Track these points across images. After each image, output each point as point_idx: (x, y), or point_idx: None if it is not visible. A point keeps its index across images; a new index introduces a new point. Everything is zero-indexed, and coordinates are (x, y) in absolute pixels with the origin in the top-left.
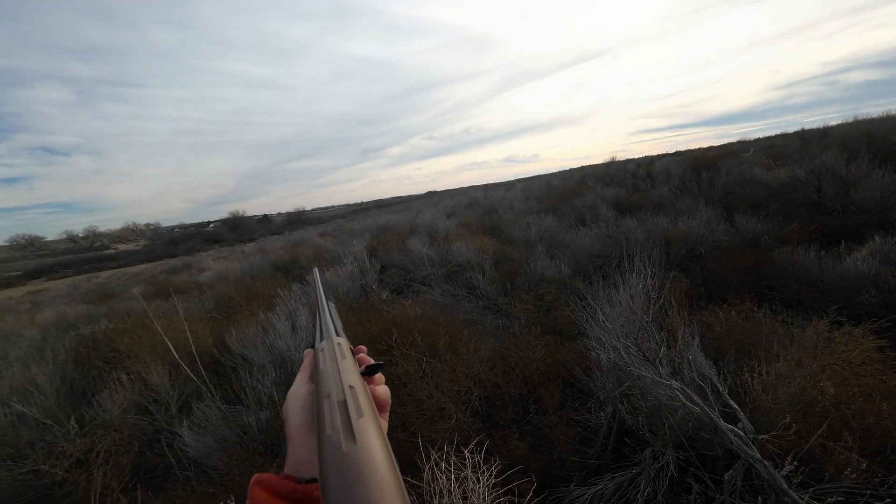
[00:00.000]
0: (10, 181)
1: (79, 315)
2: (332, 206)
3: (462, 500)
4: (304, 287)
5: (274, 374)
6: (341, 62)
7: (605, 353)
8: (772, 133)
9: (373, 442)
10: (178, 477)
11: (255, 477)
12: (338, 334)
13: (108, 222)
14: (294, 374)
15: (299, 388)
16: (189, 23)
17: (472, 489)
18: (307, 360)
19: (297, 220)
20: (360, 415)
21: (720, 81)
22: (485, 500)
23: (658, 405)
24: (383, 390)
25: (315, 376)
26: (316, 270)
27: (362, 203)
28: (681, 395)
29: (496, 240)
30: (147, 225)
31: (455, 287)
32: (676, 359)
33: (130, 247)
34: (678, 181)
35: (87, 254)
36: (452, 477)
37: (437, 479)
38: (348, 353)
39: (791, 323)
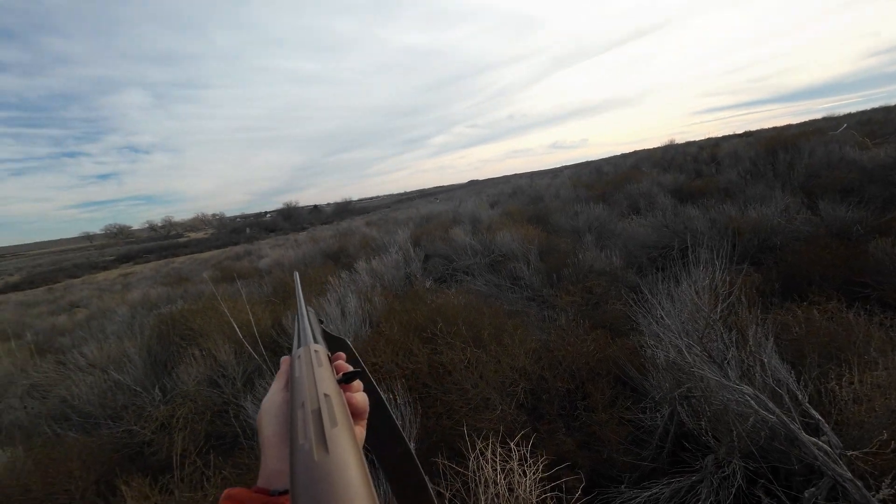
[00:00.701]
0: (104, 177)
1: (160, 296)
2: (377, 196)
3: (508, 491)
4: (353, 274)
5: None
6: (385, 53)
7: (663, 351)
8: (868, 107)
9: (346, 452)
10: (243, 446)
11: (224, 492)
12: (316, 341)
13: (182, 213)
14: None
15: (274, 396)
16: (248, 24)
17: (518, 482)
18: (283, 368)
19: (345, 209)
20: (334, 424)
21: (803, 49)
22: (531, 494)
23: (724, 410)
24: (361, 398)
25: (290, 384)
26: (297, 275)
27: (406, 193)
28: (752, 402)
29: (542, 229)
30: (213, 215)
31: (498, 277)
32: (747, 361)
33: (200, 235)
34: (749, 164)
35: (165, 241)
36: (498, 468)
37: (482, 468)
38: (325, 361)
39: (891, 326)
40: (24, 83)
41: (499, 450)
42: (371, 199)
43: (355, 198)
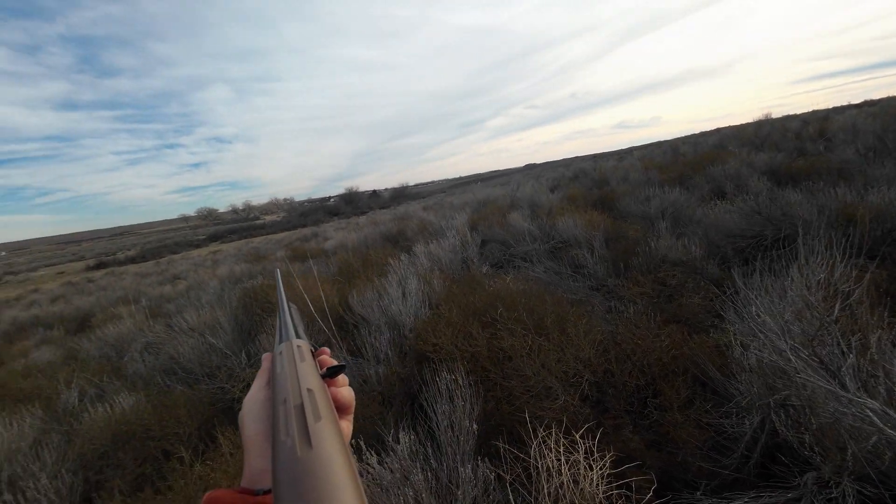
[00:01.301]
0: (196, 165)
1: (243, 272)
2: (432, 182)
3: (573, 483)
4: (411, 257)
5: (388, 335)
6: (442, 36)
7: (756, 352)
8: None
9: (330, 446)
10: None
11: (206, 496)
12: (298, 336)
13: (258, 197)
14: (392, 341)
15: (256, 394)
16: (313, 16)
17: (583, 475)
18: (265, 365)
19: (401, 194)
20: (318, 418)
21: None
22: (598, 489)
23: (835, 424)
24: (347, 392)
25: (272, 381)
26: (278, 272)
27: (461, 178)
28: (876, 419)
29: (607, 215)
30: (285, 199)
31: (559, 264)
32: (867, 370)
33: (273, 218)
34: (872, 139)
35: (245, 223)
36: (562, 458)
37: (544, 456)
38: (308, 356)
39: None
40: (136, 84)
41: (562, 440)
42: (426, 184)
43: (411, 183)
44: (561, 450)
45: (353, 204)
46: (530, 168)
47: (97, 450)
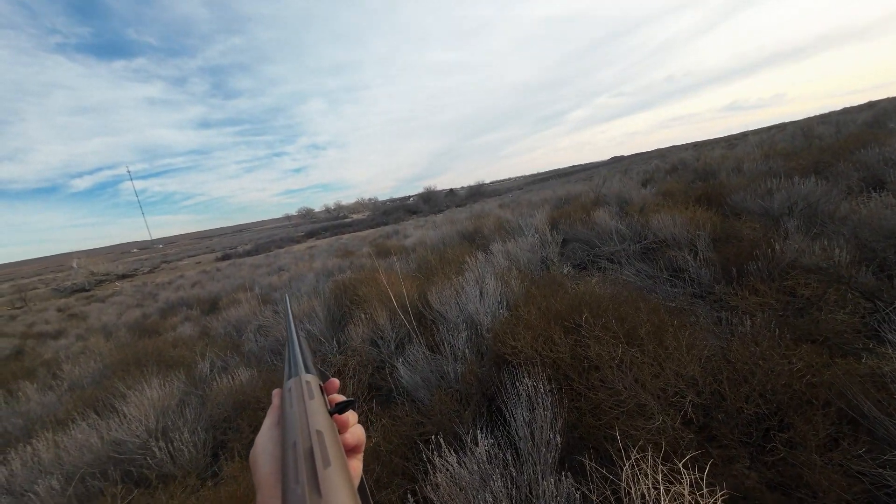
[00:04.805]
0: (296, 171)
1: (334, 266)
2: (509, 179)
3: None
4: (488, 256)
5: (466, 334)
6: (522, 29)
7: None
8: None
9: (339, 494)
10: (396, 401)
11: None
12: (307, 370)
13: (347, 198)
14: (473, 336)
15: (267, 433)
16: (398, 27)
17: None
18: (275, 402)
19: (477, 192)
20: (327, 464)
21: None
22: None
23: None
24: (356, 430)
25: (282, 420)
26: (287, 297)
27: (539, 174)
28: None
29: (715, 212)
30: (369, 199)
31: (653, 267)
32: None
33: (360, 216)
34: None
35: (335, 221)
36: (661, 487)
37: (638, 481)
38: (317, 392)
39: None
40: (252, 103)
41: (660, 467)
42: (503, 181)
43: (487, 181)
44: (659, 477)
45: (430, 202)
46: (617, 161)
47: (222, 414)
